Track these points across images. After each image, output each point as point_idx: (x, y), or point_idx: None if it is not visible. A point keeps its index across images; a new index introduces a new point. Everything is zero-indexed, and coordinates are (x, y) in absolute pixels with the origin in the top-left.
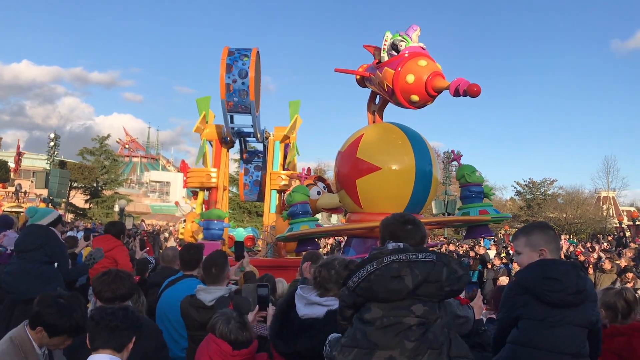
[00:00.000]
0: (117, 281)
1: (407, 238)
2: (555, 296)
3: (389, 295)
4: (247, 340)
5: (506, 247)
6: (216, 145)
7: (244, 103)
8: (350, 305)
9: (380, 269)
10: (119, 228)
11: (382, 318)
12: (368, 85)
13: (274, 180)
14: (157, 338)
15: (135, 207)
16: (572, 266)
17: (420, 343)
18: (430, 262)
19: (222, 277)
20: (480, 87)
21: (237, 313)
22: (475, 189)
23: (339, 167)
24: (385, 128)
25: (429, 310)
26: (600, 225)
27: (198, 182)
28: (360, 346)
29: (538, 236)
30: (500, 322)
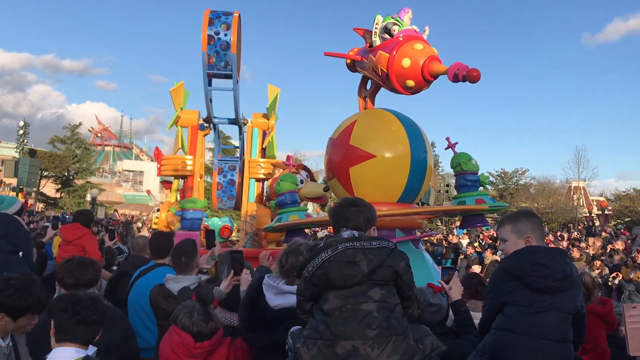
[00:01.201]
0: (81, 267)
1: (349, 219)
2: (542, 282)
3: (344, 280)
4: (210, 332)
5: (479, 235)
6: (192, 132)
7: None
8: (308, 298)
9: (335, 255)
10: (87, 216)
11: (340, 308)
12: (359, 69)
13: (252, 169)
14: (124, 327)
15: (107, 197)
16: (559, 252)
17: (382, 330)
18: (386, 248)
19: (192, 266)
20: (480, 71)
21: (200, 305)
22: (471, 178)
23: (330, 155)
24: (379, 114)
25: (387, 294)
26: (571, 215)
27: (173, 170)
28: (323, 337)
29: (524, 223)
30: (487, 308)
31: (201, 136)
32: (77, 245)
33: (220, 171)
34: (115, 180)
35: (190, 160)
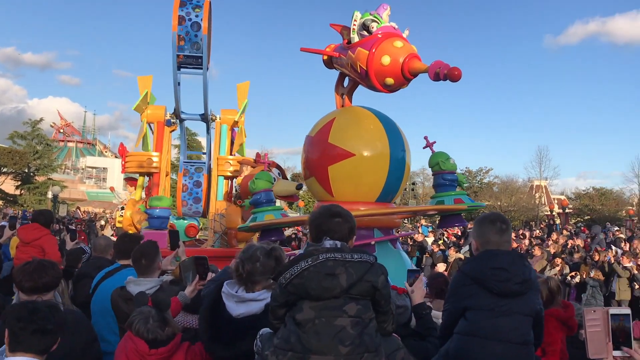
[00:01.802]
0: (40, 270)
1: (334, 231)
2: (502, 286)
3: (321, 292)
4: (167, 338)
5: (443, 234)
6: (158, 128)
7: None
8: (282, 304)
9: (315, 265)
10: (47, 217)
11: (314, 320)
12: (336, 66)
13: (221, 166)
14: (87, 331)
15: (70, 194)
16: (518, 256)
17: (355, 347)
18: (367, 262)
19: (153, 268)
20: (461, 70)
21: (156, 311)
22: (449, 177)
23: (308, 153)
24: (358, 112)
25: (363, 309)
26: (533, 213)
27: (138, 167)
28: (294, 350)
29: (487, 227)
30: (447, 313)
31: (168, 132)
32: (35, 246)
33: (186, 173)
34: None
35: (157, 157)
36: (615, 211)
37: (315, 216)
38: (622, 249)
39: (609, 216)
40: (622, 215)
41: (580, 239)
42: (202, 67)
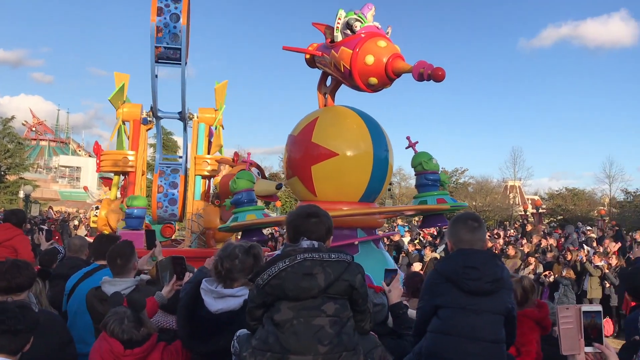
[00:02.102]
0: (13, 270)
1: (311, 231)
2: (473, 284)
3: (299, 293)
4: (142, 339)
5: (419, 233)
6: (134, 126)
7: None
8: (259, 305)
9: (293, 266)
10: (20, 217)
11: (292, 320)
12: (319, 65)
13: (198, 166)
14: (62, 332)
15: (42, 193)
16: (491, 256)
17: (334, 346)
18: (344, 261)
19: (128, 268)
20: (445, 70)
21: (131, 311)
22: (432, 177)
23: (290, 152)
24: (341, 111)
25: (340, 309)
26: (507, 213)
27: (113, 166)
28: (273, 350)
29: (459, 226)
30: (421, 311)
31: (144, 131)
32: (8, 246)
33: (162, 174)
34: (50, 176)
35: (132, 155)
36: (588, 211)
37: (293, 217)
38: (594, 248)
39: (581, 216)
40: (594, 215)
41: (553, 239)
42: (181, 60)
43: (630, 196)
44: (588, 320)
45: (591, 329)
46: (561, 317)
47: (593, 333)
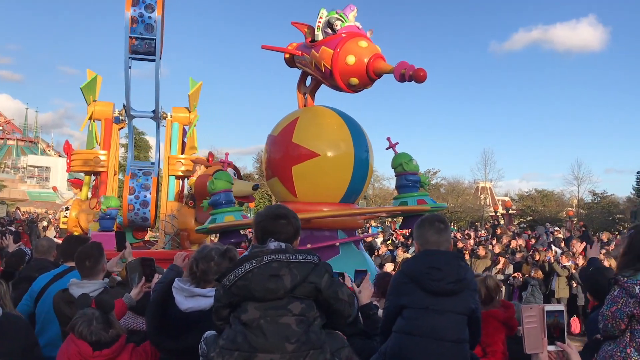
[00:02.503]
0: None
1: (280, 232)
2: (436, 285)
3: (265, 294)
4: (111, 340)
5: (392, 234)
6: (106, 125)
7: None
8: (226, 305)
9: (260, 267)
10: None
11: (259, 319)
12: (298, 65)
13: (172, 166)
14: (27, 336)
15: (10, 194)
16: (454, 256)
17: (301, 344)
18: (310, 262)
19: (97, 270)
20: (426, 71)
21: (99, 312)
22: (412, 178)
23: (270, 153)
24: (322, 112)
25: (307, 308)
26: (478, 214)
27: (84, 165)
28: (241, 349)
29: (426, 228)
30: (386, 311)
31: (116, 130)
32: None
33: (133, 176)
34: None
35: (104, 155)
36: (556, 212)
37: (261, 218)
38: (562, 248)
39: (550, 217)
40: (562, 216)
41: (522, 239)
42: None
43: (598, 197)
44: (551, 320)
45: (554, 328)
46: (525, 317)
47: (556, 332)
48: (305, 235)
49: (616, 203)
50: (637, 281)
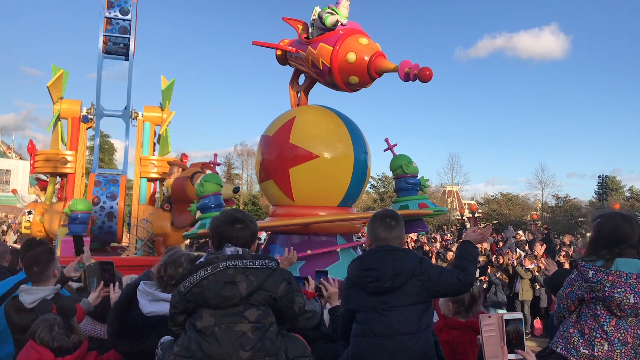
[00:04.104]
0: None
1: (236, 237)
2: (375, 285)
3: (220, 301)
4: (73, 346)
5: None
6: (73, 124)
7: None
8: (181, 311)
9: (215, 274)
10: None
11: (214, 326)
12: (291, 62)
13: (144, 168)
14: None
15: None
16: (387, 252)
17: (256, 351)
18: (268, 268)
19: (47, 276)
20: (432, 70)
21: (61, 318)
22: (412, 181)
23: (265, 154)
24: (319, 111)
25: (263, 315)
26: (445, 217)
27: (49, 167)
28: (195, 357)
29: (376, 224)
30: (340, 316)
31: (84, 129)
32: None
33: (97, 184)
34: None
35: (71, 155)
36: (521, 215)
37: (217, 223)
38: (525, 251)
39: (515, 220)
40: (526, 219)
41: (487, 242)
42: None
43: (561, 201)
44: (510, 328)
45: (513, 336)
46: (484, 326)
47: (515, 339)
48: (302, 241)
49: (579, 206)
50: (593, 266)
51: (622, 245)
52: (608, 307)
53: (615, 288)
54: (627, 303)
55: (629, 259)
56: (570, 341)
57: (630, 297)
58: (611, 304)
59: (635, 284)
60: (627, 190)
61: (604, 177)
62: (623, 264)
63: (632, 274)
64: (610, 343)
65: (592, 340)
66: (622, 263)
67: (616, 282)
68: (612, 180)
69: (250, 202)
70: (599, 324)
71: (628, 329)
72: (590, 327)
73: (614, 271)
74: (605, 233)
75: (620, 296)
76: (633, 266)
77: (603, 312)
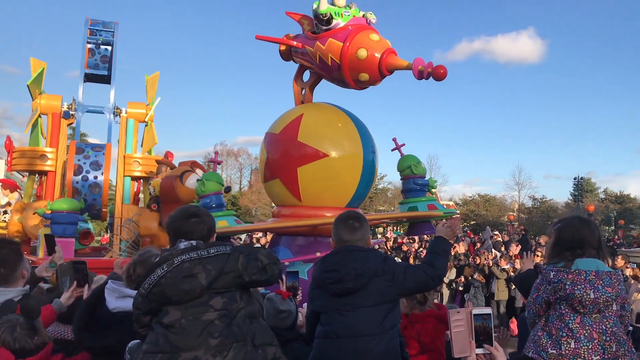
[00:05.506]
0: None
1: (193, 232)
2: (336, 287)
3: (182, 296)
4: (36, 347)
5: None
6: (53, 120)
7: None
8: (146, 312)
9: (171, 271)
10: None
11: (180, 319)
12: (295, 58)
13: (128, 166)
14: None
15: None
16: (347, 252)
17: (224, 338)
18: (224, 254)
19: (15, 277)
20: (446, 68)
21: (24, 319)
22: (420, 182)
23: (271, 152)
24: (327, 109)
25: (229, 301)
26: None
27: (28, 165)
28: (163, 351)
29: (339, 226)
30: (307, 319)
31: (64, 125)
32: None
33: (80, 151)
34: None
35: (52, 152)
36: (498, 216)
37: (172, 219)
38: (501, 252)
39: (493, 221)
40: (504, 220)
41: (464, 243)
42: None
43: (537, 202)
44: (479, 323)
45: (481, 331)
46: (453, 321)
47: (483, 335)
48: (308, 242)
49: (555, 208)
50: (553, 267)
51: (583, 247)
52: (571, 305)
53: (576, 285)
54: (587, 299)
55: (589, 259)
56: (539, 344)
57: (590, 293)
58: (573, 302)
59: (595, 280)
60: (602, 192)
61: (579, 179)
62: (582, 263)
63: (591, 272)
64: (577, 340)
65: (559, 340)
66: (582, 262)
67: (576, 279)
68: (587, 182)
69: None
70: (564, 323)
71: (593, 325)
72: (557, 327)
73: (573, 270)
74: (566, 237)
75: (580, 293)
76: (592, 265)
77: (567, 311)
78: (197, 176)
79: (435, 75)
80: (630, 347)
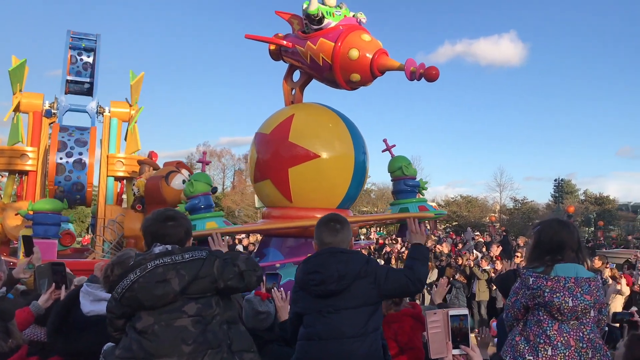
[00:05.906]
0: None
1: (170, 235)
2: (319, 289)
3: (155, 301)
4: (9, 351)
5: None
6: (34, 119)
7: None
8: (119, 316)
9: (144, 276)
10: None
11: (153, 325)
12: (285, 57)
13: (111, 166)
14: None
15: None
16: (329, 254)
17: (198, 345)
18: (199, 259)
19: None
20: (438, 69)
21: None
22: (411, 183)
23: (261, 153)
24: (319, 109)
25: (203, 307)
26: None
27: (7, 164)
28: (137, 357)
29: (321, 229)
30: (289, 320)
31: (46, 124)
32: None
33: (64, 130)
34: None
35: (33, 152)
36: (480, 217)
37: (149, 222)
38: (482, 252)
39: (474, 222)
40: (485, 221)
41: (446, 244)
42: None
43: (519, 203)
44: (456, 324)
45: (458, 332)
46: (429, 322)
47: (459, 336)
48: (299, 244)
49: (536, 209)
50: (533, 273)
51: (562, 250)
52: (549, 312)
53: (555, 293)
54: (566, 307)
55: (567, 264)
56: (517, 349)
57: (569, 301)
58: (552, 309)
59: (574, 288)
60: (582, 194)
61: (560, 181)
62: (562, 269)
63: (570, 278)
64: (554, 347)
65: (536, 347)
66: (561, 268)
67: (555, 287)
68: (567, 183)
69: None
70: (542, 329)
71: (570, 332)
72: (535, 333)
73: (552, 277)
74: (545, 240)
75: (559, 300)
76: (571, 270)
77: (546, 318)
78: (182, 177)
79: (428, 77)
80: (606, 352)
